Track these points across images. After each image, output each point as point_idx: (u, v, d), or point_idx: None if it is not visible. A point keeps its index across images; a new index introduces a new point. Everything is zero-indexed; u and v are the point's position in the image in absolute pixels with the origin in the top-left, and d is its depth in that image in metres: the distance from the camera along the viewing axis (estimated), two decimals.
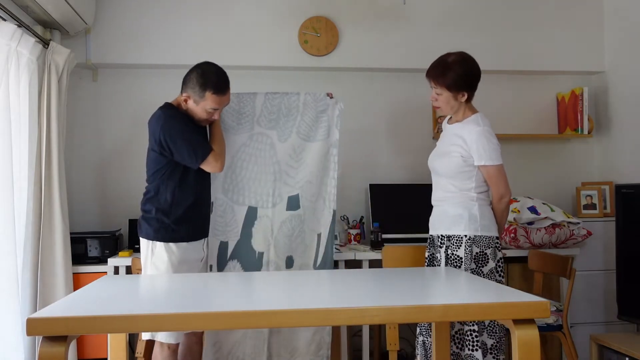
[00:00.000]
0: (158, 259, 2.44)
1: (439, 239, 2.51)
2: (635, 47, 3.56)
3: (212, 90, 2.41)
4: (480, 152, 2.37)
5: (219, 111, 2.50)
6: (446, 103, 2.45)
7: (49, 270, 2.92)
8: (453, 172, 2.43)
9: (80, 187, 3.53)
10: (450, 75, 2.40)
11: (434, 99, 2.49)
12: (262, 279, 2.21)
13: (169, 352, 2.41)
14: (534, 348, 1.60)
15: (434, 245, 2.57)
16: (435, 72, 2.44)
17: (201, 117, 2.48)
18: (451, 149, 2.45)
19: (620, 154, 3.70)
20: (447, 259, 2.43)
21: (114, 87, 3.60)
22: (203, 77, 2.41)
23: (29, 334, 1.44)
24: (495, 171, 2.40)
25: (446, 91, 2.42)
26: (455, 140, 2.44)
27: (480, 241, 2.39)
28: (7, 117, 2.65)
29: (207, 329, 1.63)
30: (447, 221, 2.45)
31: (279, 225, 2.73)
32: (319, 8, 3.64)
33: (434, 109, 2.56)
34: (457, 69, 2.40)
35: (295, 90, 2.84)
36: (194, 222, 2.50)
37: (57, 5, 2.94)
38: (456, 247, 2.41)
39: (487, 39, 3.75)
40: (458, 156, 2.41)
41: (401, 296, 1.82)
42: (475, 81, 2.46)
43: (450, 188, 2.46)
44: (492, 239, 2.41)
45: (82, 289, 1.85)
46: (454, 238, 2.43)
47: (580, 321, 3.40)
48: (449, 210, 2.46)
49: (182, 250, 2.46)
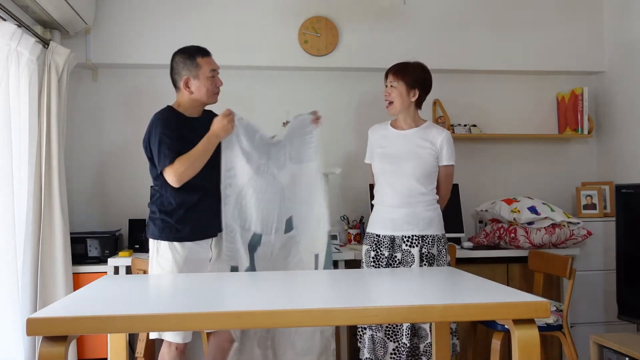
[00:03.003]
0: (163, 258, 2.44)
1: (405, 239, 2.61)
2: (635, 47, 3.56)
3: (200, 54, 2.52)
4: (448, 153, 2.67)
5: (217, 75, 2.54)
6: (399, 96, 2.66)
7: (49, 270, 2.92)
8: (425, 173, 2.63)
9: (80, 187, 3.53)
10: (409, 72, 2.67)
11: (387, 94, 2.70)
12: (262, 279, 2.21)
13: (177, 352, 2.39)
14: (534, 348, 1.60)
15: (392, 246, 2.62)
16: (396, 68, 2.70)
17: (208, 90, 2.51)
18: (420, 151, 2.64)
19: (620, 154, 3.70)
20: (421, 258, 2.59)
21: (114, 87, 3.60)
22: (185, 52, 2.54)
23: (29, 334, 1.44)
24: (452, 170, 2.73)
25: (402, 85, 2.65)
26: (421, 143, 2.66)
27: (444, 239, 2.68)
28: (7, 117, 2.65)
29: (207, 329, 1.64)
30: (421, 223, 2.61)
31: (278, 249, 2.71)
32: (319, 8, 3.64)
33: (389, 107, 2.72)
34: (416, 69, 2.69)
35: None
36: (198, 222, 2.47)
37: (57, 5, 2.94)
38: (431, 246, 2.61)
39: (487, 39, 3.75)
40: (430, 158, 2.64)
41: (401, 296, 1.83)
42: (428, 86, 2.72)
43: (420, 189, 2.63)
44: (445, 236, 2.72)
45: (82, 289, 1.85)
46: (429, 238, 2.62)
47: (580, 321, 3.40)
48: (421, 212, 2.62)
49: (188, 249, 2.45)
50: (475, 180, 3.82)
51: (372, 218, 2.74)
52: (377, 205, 2.73)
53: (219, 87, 2.55)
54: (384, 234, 2.64)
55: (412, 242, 2.61)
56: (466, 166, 3.82)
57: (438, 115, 3.75)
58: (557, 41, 3.80)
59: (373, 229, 2.70)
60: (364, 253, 2.72)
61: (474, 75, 3.86)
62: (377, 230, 2.68)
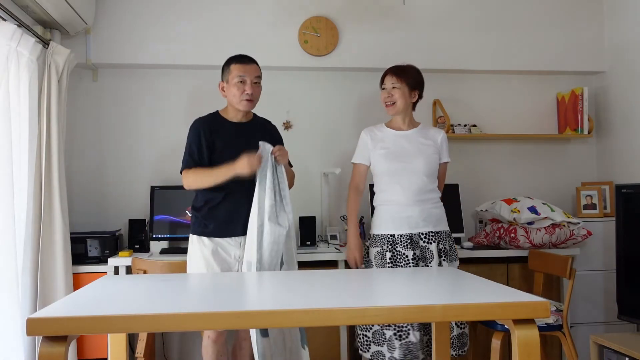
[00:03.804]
0: (192, 251, 2.61)
1: (423, 236, 2.66)
2: (635, 47, 3.56)
3: (235, 61, 2.63)
4: (447, 150, 2.81)
5: (248, 83, 2.57)
6: (402, 96, 2.72)
7: (49, 270, 2.92)
8: (432, 170, 2.73)
9: (80, 187, 3.53)
10: (409, 72, 2.75)
11: (389, 95, 2.73)
12: (263, 279, 2.21)
13: (208, 341, 2.56)
14: (534, 348, 1.60)
15: (411, 244, 2.63)
16: (397, 69, 2.76)
17: (235, 96, 2.58)
18: (426, 149, 2.73)
19: (620, 154, 3.70)
20: (439, 253, 2.66)
21: (114, 87, 3.60)
22: (227, 59, 2.67)
23: (29, 334, 1.44)
24: (447, 167, 2.87)
25: (405, 86, 2.72)
26: (425, 141, 2.75)
27: (450, 234, 2.77)
28: (7, 117, 2.65)
29: (207, 328, 1.63)
30: (434, 219, 2.70)
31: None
32: (319, 8, 3.64)
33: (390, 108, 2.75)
34: (415, 72, 2.78)
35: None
36: (221, 219, 2.57)
37: (57, 5, 2.94)
38: (445, 242, 2.70)
39: (487, 39, 3.75)
40: (435, 155, 2.74)
41: (401, 296, 1.83)
42: (422, 89, 2.81)
43: (429, 186, 2.71)
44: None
45: (82, 289, 1.85)
46: (442, 234, 2.71)
47: (580, 321, 3.40)
48: (432, 209, 2.70)
49: (215, 244, 2.57)
50: (475, 180, 3.82)
51: (379, 219, 2.73)
52: (384, 206, 2.71)
53: (247, 93, 2.58)
54: (400, 233, 2.64)
55: (429, 238, 2.65)
56: (466, 166, 3.82)
57: (438, 115, 3.75)
58: (557, 41, 3.81)
59: (384, 229, 2.68)
60: (374, 256, 2.69)
61: (474, 75, 3.86)
62: (390, 230, 2.67)
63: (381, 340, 2.56)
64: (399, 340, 2.53)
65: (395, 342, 2.53)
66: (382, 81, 2.79)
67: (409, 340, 2.52)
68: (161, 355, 3.37)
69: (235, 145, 2.55)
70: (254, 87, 2.60)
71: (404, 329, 2.53)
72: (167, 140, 3.58)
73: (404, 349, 2.52)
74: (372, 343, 2.58)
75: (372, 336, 2.58)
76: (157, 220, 3.33)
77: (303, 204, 3.57)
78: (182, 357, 3.41)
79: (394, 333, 2.54)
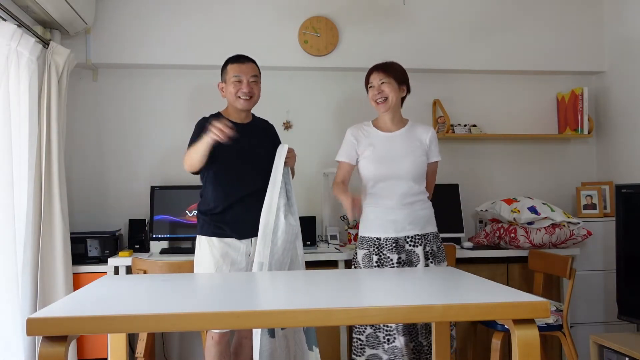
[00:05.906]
0: (200, 252, 2.59)
1: (409, 239, 2.61)
2: (635, 47, 3.56)
3: (231, 61, 2.64)
4: (436, 149, 2.73)
5: (245, 82, 2.59)
6: (393, 91, 2.65)
7: (49, 270, 2.92)
8: (420, 172, 2.66)
9: (80, 187, 3.53)
10: (395, 67, 2.70)
11: (379, 91, 2.65)
12: (263, 279, 2.21)
13: (212, 342, 2.54)
14: (534, 348, 1.60)
15: (397, 248, 2.59)
16: (382, 65, 2.70)
17: (231, 94, 2.59)
18: (413, 151, 2.65)
19: (620, 154, 3.70)
20: (425, 255, 2.61)
21: (114, 87, 3.60)
22: (225, 60, 2.69)
23: (29, 334, 1.44)
24: (437, 166, 2.79)
25: (393, 80, 2.66)
26: (412, 143, 2.67)
27: (438, 235, 2.70)
28: (7, 117, 2.65)
29: (207, 328, 1.64)
30: (421, 221, 2.64)
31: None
32: (319, 8, 3.64)
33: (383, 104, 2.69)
34: (400, 68, 2.72)
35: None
36: (231, 221, 2.57)
37: (57, 5, 2.94)
38: (432, 244, 2.64)
39: (487, 39, 3.75)
40: (423, 157, 2.67)
41: (401, 296, 1.83)
42: (409, 84, 2.74)
43: (416, 189, 2.64)
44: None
45: (82, 289, 1.85)
46: (429, 236, 2.65)
47: (580, 321, 3.40)
48: (419, 211, 2.64)
49: (224, 245, 2.56)
50: (475, 180, 3.82)
51: (367, 221, 2.68)
52: (372, 207, 2.66)
53: (244, 91, 2.59)
54: (386, 237, 2.61)
55: (415, 241, 2.61)
56: (466, 166, 3.82)
57: (438, 115, 3.75)
58: (557, 41, 3.80)
59: (371, 232, 2.65)
60: (361, 258, 2.66)
61: (474, 75, 3.86)
62: (376, 233, 2.63)
63: (375, 343, 2.55)
64: (387, 344, 2.52)
65: (385, 346, 2.53)
66: (368, 80, 2.72)
67: (394, 345, 2.51)
68: (161, 355, 3.37)
69: (235, 145, 2.55)
70: (252, 86, 2.61)
71: (391, 333, 2.53)
72: (167, 140, 3.58)
73: (390, 353, 2.51)
74: (367, 346, 2.57)
75: (366, 339, 2.57)
76: (157, 220, 3.33)
77: (303, 204, 3.56)
78: (182, 357, 3.41)
79: (384, 336, 2.53)
